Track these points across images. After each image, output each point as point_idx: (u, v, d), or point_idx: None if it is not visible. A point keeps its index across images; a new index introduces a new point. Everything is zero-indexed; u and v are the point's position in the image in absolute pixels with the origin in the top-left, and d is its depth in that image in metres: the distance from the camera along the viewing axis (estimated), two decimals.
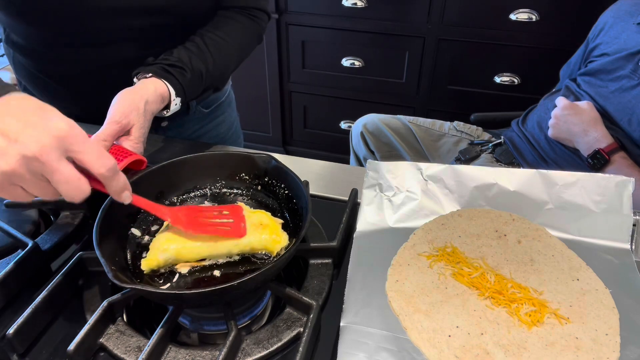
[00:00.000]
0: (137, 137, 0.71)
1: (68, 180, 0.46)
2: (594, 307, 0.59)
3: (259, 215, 0.64)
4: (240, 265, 0.62)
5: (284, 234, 0.64)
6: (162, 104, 0.79)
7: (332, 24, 2.09)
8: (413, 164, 0.74)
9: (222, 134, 1.17)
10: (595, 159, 1.11)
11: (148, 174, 0.69)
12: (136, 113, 0.71)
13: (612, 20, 1.23)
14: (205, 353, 0.54)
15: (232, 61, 0.95)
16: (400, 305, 0.59)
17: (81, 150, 0.47)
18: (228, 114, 1.18)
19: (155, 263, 0.59)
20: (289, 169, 0.68)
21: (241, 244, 0.61)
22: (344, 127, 2.35)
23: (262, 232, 0.62)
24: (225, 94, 1.15)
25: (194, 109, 1.06)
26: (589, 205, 0.69)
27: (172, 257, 0.60)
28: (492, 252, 0.66)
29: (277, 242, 0.62)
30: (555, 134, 1.20)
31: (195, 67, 0.84)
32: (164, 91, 0.78)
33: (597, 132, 1.12)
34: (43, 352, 0.56)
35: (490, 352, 0.53)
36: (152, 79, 0.78)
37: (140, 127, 0.72)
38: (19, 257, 0.63)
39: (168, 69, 0.80)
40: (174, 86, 0.79)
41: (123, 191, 0.52)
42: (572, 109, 1.16)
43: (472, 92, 2.08)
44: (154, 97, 0.76)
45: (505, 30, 1.90)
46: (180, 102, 0.82)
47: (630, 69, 1.12)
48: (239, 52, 0.96)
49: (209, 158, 0.73)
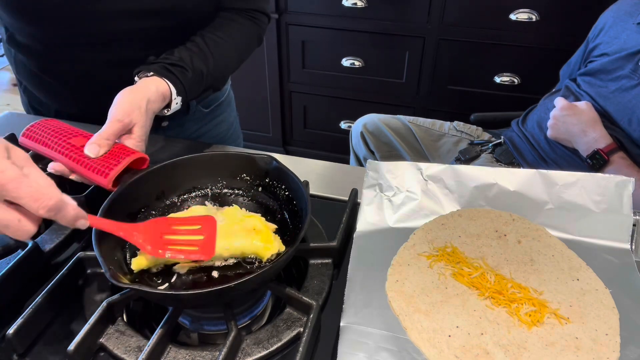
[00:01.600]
0: (139, 135, 0.71)
1: (8, 225, 0.47)
2: (594, 307, 0.59)
3: (253, 220, 0.64)
4: (239, 267, 0.62)
5: (276, 241, 0.63)
6: (164, 103, 0.79)
7: (332, 24, 2.09)
8: (413, 164, 0.74)
9: (222, 133, 1.17)
10: (595, 159, 1.11)
11: (149, 173, 0.69)
12: (138, 112, 0.71)
13: (612, 20, 1.23)
14: (205, 353, 0.54)
15: (232, 61, 0.95)
16: (400, 305, 0.59)
17: (17, 195, 0.46)
18: (228, 114, 1.18)
19: (145, 263, 0.59)
20: (289, 170, 0.68)
21: (232, 247, 0.61)
22: (344, 127, 2.35)
23: (254, 238, 0.61)
24: (225, 94, 1.16)
25: (194, 108, 1.06)
26: (589, 205, 0.69)
27: (160, 259, 0.60)
28: (492, 252, 0.66)
29: (267, 249, 0.61)
30: (554, 134, 1.20)
31: (196, 66, 0.84)
32: (165, 90, 0.78)
33: (596, 132, 1.12)
34: (43, 352, 0.56)
35: (490, 352, 0.53)
36: (153, 78, 0.78)
37: (142, 125, 0.72)
38: (19, 257, 0.63)
39: (169, 68, 0.80)
40: (176, 85, 0.80)
41: (76, 221, 0.51)
42: (571, 109, 1.16)
43: (472, 92, 2.08)
44: (155, 96, 0.76)
45: (505, 30, 1.89)
46: (181, 102, 0.82)
47: (630, 68, 1.12)
48: (239, 53, 0.96)
49: (210, 158, 0.73)
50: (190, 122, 1.08)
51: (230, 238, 0.61)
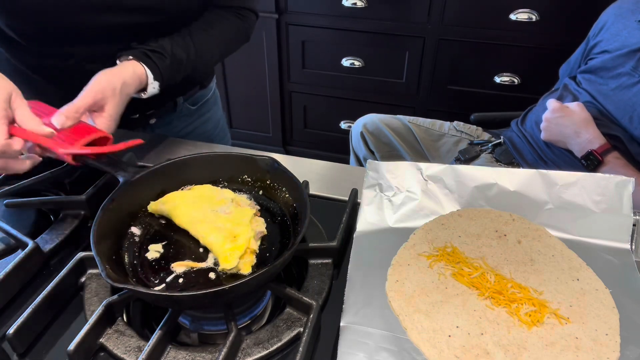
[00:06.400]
0: (110, 114, 0.75)
1: None
2: (594, 307, 0.59)
3: (243, 226, 0.63)
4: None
5: (250, 257, 0.61)
6: (140, 86, 0.82)
7: (332, 24, 2.09)
8: (413, 164, 0.74)
9: (209, 131, 1.21)
10: (589, 160, 1.11)
11: (149, 173, 0.69)
12: (112, 91, 0.75)
13: (614, 18, 1.23)
14: (205, 353, 0.54)
15: (215, 53, 0.99)
16: (400, 305, 0.59)
17: None
18: (214, 112, 1.22)
19: (154, 208, 0.67)
20: (290, 172, 0.68)
21: (207, 238, 0.62)
22: (344, 127, 2.35)
23: (228, 242, 0.60)
24: (211, 92, 1.19)
25: (180, 105, 1.09)
26: (589, 205, 0.69)
27: (166, 211, 0.66)
28: (492, 252, 0.66)
29: (227, 261, 0.59)
30: (548, 136, 1.20)
31: (175, 54, 0.88)
32: (142, 73, 0.82)
33: (589, 133, 1.12)
34: (43, 352, 0.56)
35: (490, 352, 0.53)
36: (132, 62, 0.82)
37: (115, 105, 0.76)
38: (19, 257, 0.63)
39: (148, 54, 0.84)
40: (152, 70, 0.83)
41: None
42: (562, 111, 1.16)
43: (472, 92, 2.08)
44: (132, 79, 0.80)
45: (505, 30, 1.90)
46: (158, 87, 0.86)
47: (631, 66, 1.12)
48: (223, 46, 1.00)
49: (211, 159, 0.73)
50: (178, 119, 1.11)
51: (210, 226, 0.62)
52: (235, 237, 0.61)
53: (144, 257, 0.62)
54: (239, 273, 0.59)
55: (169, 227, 0.67)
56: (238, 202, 0.68)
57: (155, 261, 0.62)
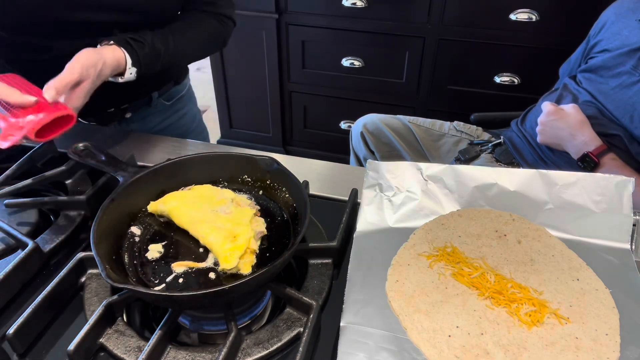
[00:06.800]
0: (84, 91, 0.77)
1: None
2: (594, 307, 0.59)
3: (243, 226, 0.63)
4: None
5: (250, 257, 0.61)
6: (117, 69, 0.85)
7: (332, 24, 2.09)
8: (413, 164, 0.74)
9: (185, 126, 1.24)
10: (585, 162, 1.11)
11: (150, 173, 0.69)
12: (93, 69, 0.78)
13: (614, 17, 1.23)
14: (205, 353, 0.54)
15: (192, 50, 1.03)
16: (400, 305, 0.59)
17: None
18: (189, 108, 1.25)
19: (154, 209, 0.68)
20: (290, 172, 0.68)
21: (207, 238, 0.62)
22: (344, 127, 2.35)
23: (228, 243, 0.60)
24: (186, 88, 1.23)
25: (155, 101, 1.13)
26: (589, 205, 0.69)
27: (166, 211, 0.66)
28: (492, 252, 0.66)
29: (227, 261, 0.59)
30: (543, 139, 1.20)
31: (155, 45, 0.91)
32: (121, 58, 0.85)
33: (585, 135, 1.12)
34: (43, 352, 0.56)
35: (490, 352, 0.53)
36: (113, 46, 0.85)
37: (91, 82, 0.78)
38: (19, 257, 0.63)
39: (129, 41, 0.87)
40: (131, 55, 0.86)
41: None
42: (557, 114, 1.16)
43: (472, 92, 2.08)
44: (111, 61, 0.83)
45: (505, 30, 1.89)
46: (135, 73, 0.88)
47: (632, 65, 1.12)
48: (200, 46, 1.04)
49: (211, 159, 0.73)
50: (153, 115, 1.15)
51: (210, 226, 0.62)
52: (235, 237, 0.61)
53: (144, 257, 0.62)
54: (239, 273, 0.59)
55: (169, 227, 0.67)
56: (238, 202, 0.68)
57: (155, 261, 0.62)
